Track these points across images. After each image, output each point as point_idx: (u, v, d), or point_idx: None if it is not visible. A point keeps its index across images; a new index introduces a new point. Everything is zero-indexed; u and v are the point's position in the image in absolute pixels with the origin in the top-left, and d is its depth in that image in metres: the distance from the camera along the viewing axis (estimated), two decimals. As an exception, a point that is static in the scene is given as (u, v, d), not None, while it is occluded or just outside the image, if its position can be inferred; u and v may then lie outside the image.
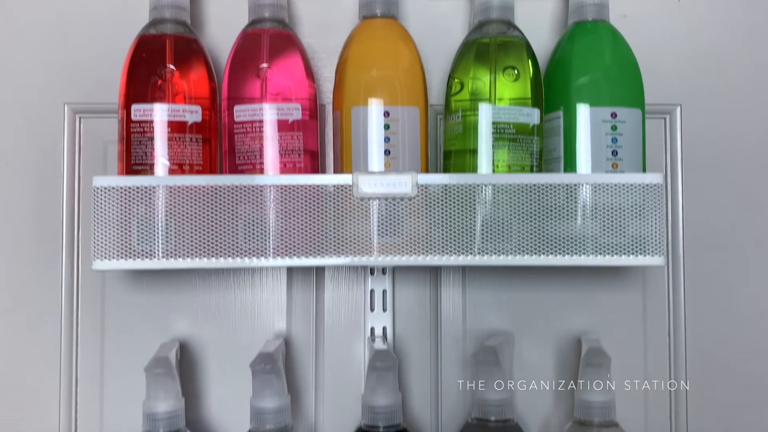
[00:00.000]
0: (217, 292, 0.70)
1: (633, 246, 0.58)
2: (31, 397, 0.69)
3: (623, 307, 0.71)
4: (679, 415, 0.71)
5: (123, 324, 0.69)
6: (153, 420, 0.60)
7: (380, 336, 0.69)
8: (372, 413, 0.60)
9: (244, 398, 0.62)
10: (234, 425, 0.67)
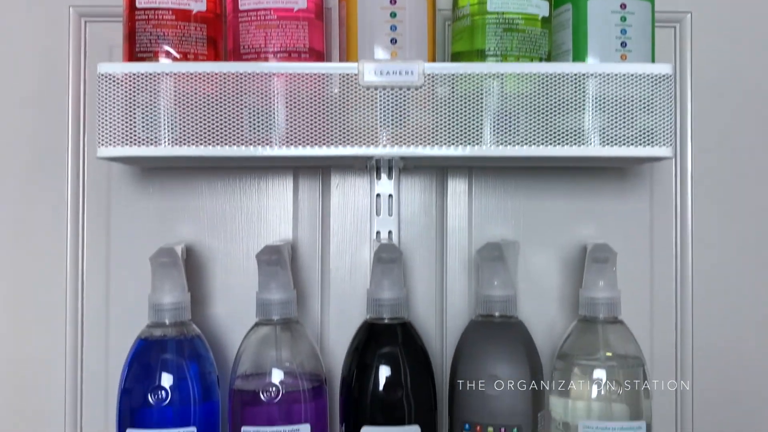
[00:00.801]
0: (222, 198, 0.70)
1: (641, 138, 0.58)
2: (38, 290, 0.69)
3: (630, 216, 0.71)
4: (685, 320, 0.71)
5: (129, 228, 0.69)
6: (158, 311, 0.60)
7: (386, 238, 0.69)
8: (377, 306, 0.61)
9: (250, 303, 0.62)
10: (240, 327, 0.67)
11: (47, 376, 0.69)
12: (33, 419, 0.69)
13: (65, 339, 0.69)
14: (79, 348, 0.69)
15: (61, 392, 0.69)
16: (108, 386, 0.69)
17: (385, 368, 0.59)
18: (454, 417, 0.61)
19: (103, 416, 0.69)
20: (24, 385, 0.69)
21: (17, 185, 0.70)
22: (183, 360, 0.59)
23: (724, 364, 0.71)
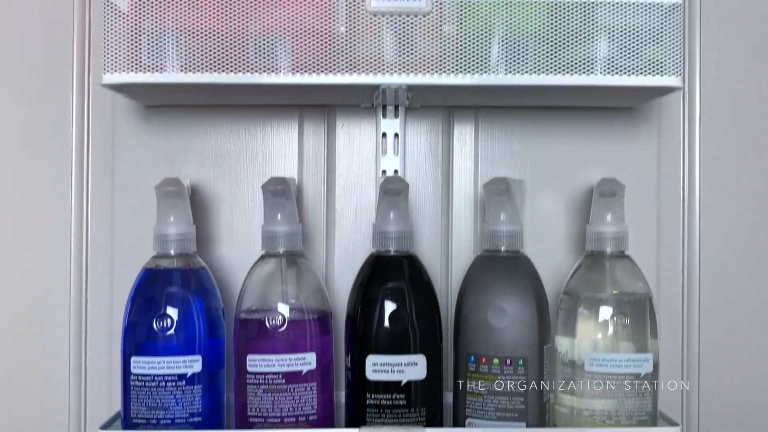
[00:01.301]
0: (227, 138, 0.70)
1: (650, 68, 0.57)
2: (42, 224, 0.69)
3: (638, 158, 0.70)
4: (692, 261, 0.70)
5: (133, 166, 0.69)
6: (164, 242, 0.60)
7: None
8: (383, 239, 0.60)
9: (255, 244, 0.62)
10: (245, 267, 0.66)
11: (51, 309, 0.69)
12: (37, 353, 0.69)
13: (70, 274, 0.69)
14: (84, 282, 0.69)
15: (66, 325, 0.69)
16: (113, 318, 0.69)
17: (391, 298, 0.59)
18: (460, 350, 0.61)
19: (107, 347, 0.69)
20: (29, 319, 0.69)
21: (22, 120, 0.69)
22: (188, 290, 0.59)
23: (731, 302, 0.70)
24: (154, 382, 0.57)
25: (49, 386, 0.69)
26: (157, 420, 0.57)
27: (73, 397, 0.69)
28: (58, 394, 0.69)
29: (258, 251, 0.61)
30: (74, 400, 0.69)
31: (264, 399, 0.58)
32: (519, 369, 0.59)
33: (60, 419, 0.69)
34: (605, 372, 0.59)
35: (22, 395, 0.69)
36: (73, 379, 0.69)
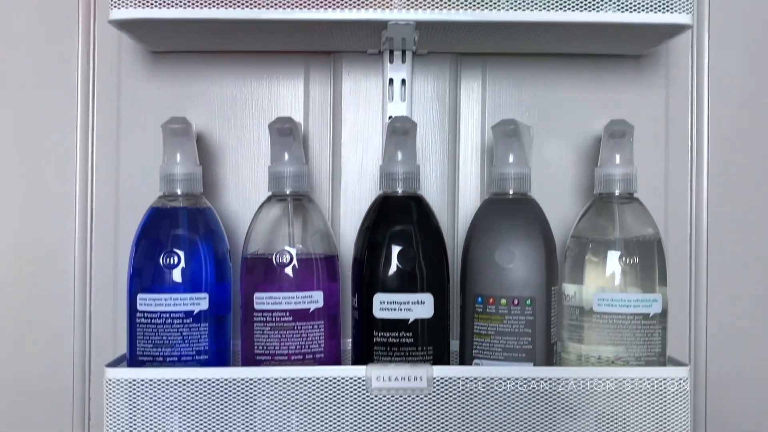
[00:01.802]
0: (233, 85, 0.70)
1: (659, 5, 0.57)
2: (48, 165, 0.69)
3: (645, 106, 0.70)
4: (699, 210, 0.70)
5: (138, 112, 0.69)
6: (171, 181, 0.59)
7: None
8: (391, 179, 0.60)
9: (261, 191, 0.62)
10: (251, 214, 0.66)
11: (56, 249, 0.69)
12: (43, 292, 0.69)
13: (75, 213, 0.69)
14: (89, 222, 0.69)
15: (71, 265, 0.69)
16: (117, 259, 0.69)
17: (398, 237, 0.58)
18: (467, 292, 0.60)
19: (112, 287, 0.69)
20: (34, 257, 0.69)
21: (28, 62, 0.69)
22: (195, 228, 0.59)
23: (738, 245, 0.70)
24: (160, 319, 0.57)
25: (54, 326, 0.69)
26: (163, 357, 0.57)
27: (77, 336, 0.69)
28: (63, 333, 0.69)
29: (264, 193, 0.61)
30: (79, 339, 0.69)
31: (271, 337, 0.57)
32: (527, 309, 0.58)
33: (65, 358, 0.69)
34: (614, 312, 0.58)
35: (28, 334, 0.69)
36: (77, 318, 0.69)
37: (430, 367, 0.57)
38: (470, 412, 0.57)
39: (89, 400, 0.69)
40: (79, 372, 0.69)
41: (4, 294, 0.69)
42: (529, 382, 0.57)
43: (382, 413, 0.56)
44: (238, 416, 0.56)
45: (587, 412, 0.57)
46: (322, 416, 0.57)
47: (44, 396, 0.69)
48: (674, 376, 0.57)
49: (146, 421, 0.56)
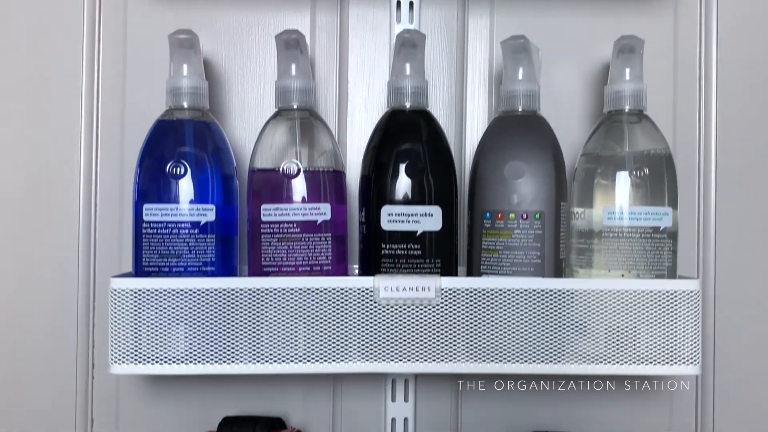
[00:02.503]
0: (239, 11, 0.69)
1: None
2: (55, 75, 0.68)
3: (654, 37, 0.69)
4: (708, 128, 0.70)
5: (144, 36, 0.68)
6: (177, 95, 0.59)
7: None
8: (399, 94, 0.59)
9: (266, 114, 0.61)
10: (255, 137, 0.66)
11: (62, 161, 0.68)
12: (48, 204, 0.68)
13: (81, 126, 0.68)
14: (95, 134, 0.68)
15: (76, 177, 0.68)
16: (123, 171, 0.68)
17: (407, 150, 0.58)
18: (475, 209, 0.60)
19: (118, 200, 0.68)
20: (41, 168, 0.68)
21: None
22: (202, 140, 0.58)
23: (747, 163, 0.69)
24: (166, 229, 0.56)
25: (59, 238, 0.68)
26: (169, 267, 0.57)
27: (83, 247, 0.68)
28: (68, 244, 0.68)
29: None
30: (84, 250, 0.68)
31: (279, 249, 0.57)
32: (535, 223, 0.58)
33: (69, 267, 0.68)
34: (623, 226, 0.58)
35: (32, 247, 0.68)
36: (83, 230, 0.68)
37: (438, 278, 0.56)
38: (478, 324, 0.56)
39: (94, 311, 0.68)
40: (84, 284, 0.68)
41: (10, 210, 0.68)
42: (537, 294, 0.56)
43: (388, 324, 0.56)
44: (245, 327, 0.56)
45: (596, 326, 0.57)
46: (329, 327, 0.56)
47: (48, 308, 0.68)
48: (685, 288, 0.57)
49: (151, 332, 0.56)
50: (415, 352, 0.56)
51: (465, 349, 0.56)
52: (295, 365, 0.56)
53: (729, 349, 0.69)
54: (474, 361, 0.56)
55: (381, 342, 0.56)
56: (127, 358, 0.56)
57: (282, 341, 0.56)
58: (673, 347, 0.56)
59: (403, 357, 0.56)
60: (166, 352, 0.56)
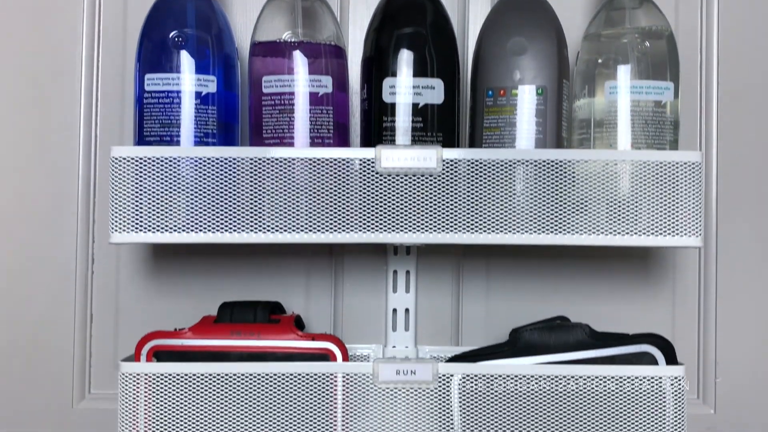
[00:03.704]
0: None
1: None
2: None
3: None
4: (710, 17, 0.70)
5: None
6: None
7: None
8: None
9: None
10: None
11: (64, 45, 0.68)
12: (49, 84, 0.68)
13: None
14: (98, 9, 0.68)
15: (78, 49, 0.68)
16: (125, 40, 0.68)
17: (409, 25, 0.58)
18: (477, 88, 0.60)
19: (120, 70, 0.68)
20: (40, 53, 0.68)
21: None
22: (203, 13, 0.58)
23: (750, 43, 0.69)
24: (168, 98, 0.56)
25: (60, 111, 0.68)
26: (170, 137, 0.57)
27: (84, 120, 0.68)
28: (70, 118, 0.68)
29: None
30: (85, 123, 0.68)
31: (280, 120, 0.57)
32: (537, 99, 0.58)
33: (71, 140, 0.68)
34: (625, 100, 0.58)
35: (33, 118, 0.68)
36: (84, 102, 0.68)
37: (440, 148, 0.56)
38: (479, 195, 0.56)
39: (95, 185, 0.68)
40: (85, 153, 0.68)
41: (10, 81, 0.68)
42: (538, 164, 0.56)
43: (389, 195, 0.56)
44: (246, 198, 0.56)
45: (597, 198, 0.56)
46: (330, 198, 0.56)
47: (49, 182, 0.68)
48: (687, 160, 0.56)
49: (152, 201, 0.56)
50: (415, 224, 0.56)
51: (466, 221, 0.56)
52: (296, 235, 0.56)
53: (731, 222, 0.68)
54: (475, 232, 0.56)
55: (382, 213, 0.56)
56: (127, 227, 0.56)
57: (283, 212, 0.56)
58: (674, 219, 0.56)
59: (403, 228, 0.56)
60: (166, 221, 0.56)
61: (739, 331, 0.68)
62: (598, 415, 0.58)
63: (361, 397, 0.58)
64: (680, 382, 0.58)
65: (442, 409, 0.58)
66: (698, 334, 0.68)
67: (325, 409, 0.58)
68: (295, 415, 0.58)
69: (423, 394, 0.58)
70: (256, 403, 0.58)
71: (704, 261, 0.68)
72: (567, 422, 0.58)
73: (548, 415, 0.58)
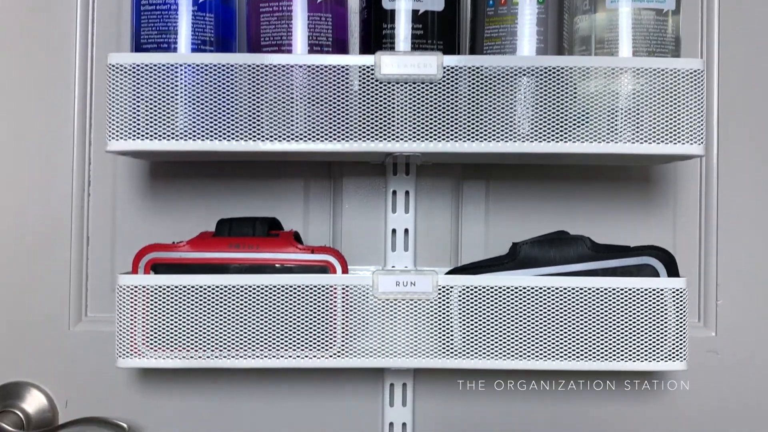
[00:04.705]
0: None
1: None
2: None
3: None
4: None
5: None
6: None
7: None
8: None
9: None
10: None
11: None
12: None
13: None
14: None
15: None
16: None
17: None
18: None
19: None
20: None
21: None
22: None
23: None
24: (165, 5, 0.56)
25: (58, 18, 0.67)
26: (167, 44, 0.56)
27: (81, 25, 0.67)
28: (67, 25, 0.67)
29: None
30: (81, 30, 0.67)
31: (278, 27, 0.56)
32: (539, 8, 0.57)
33: (69, 40, 0.67)
34: (626, 7, 0.57)
35: (29, 28, 0.67)
36: (81, 10, 0.67)
37: (441, 55, 0.55)
38: (480, 104, 0.55)
39: (92, 100, 0.68)
40: (82, 61, 0.67)
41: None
42: (539, 71, 0.56)
43: (389, 103, 0.55)
44: (244, 106, 0.55)
45: (598, 105, 0.56)
46: (329, 106, 0.55)
47: (44, 96, 0.67)
48: (688, 67, 0.56)
49: (149, 109, 0.55)
50: (415, 132, 0.55)
51: (467, 129, 0.56)
52: (294, 144, 0.56)
53: (732, 130, 0.68)
54: (475, 140, 0.56)
55: (381, 121, 0.55)
56: (125, 134, 0.55)
57: (282, 120, 0.55)
58: (676, 127, 0.56)
59: (403, 136, 0.56)
60: (164, 129, 0.55)
61: (741, 252, 0.68)
62: (598, 328, 0.58)
63: (361, 310, 0.58)
64: (681, 295, 0.58)
65: (442, 323, 0.58)
66: (699, 256, 0.68)
67: (324, 322, 0.57)
68: (294, 329, 0.57)
69: (423, 308, 0.58)
70: (256, 316, 0.57)
71: (705, 177, 0.68)
72: (567, 335, 0.58)
73: (548, 328, 0.58)
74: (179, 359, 0.58)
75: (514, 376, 0.67)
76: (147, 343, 0.58)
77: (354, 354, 0.58)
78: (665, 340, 0.58)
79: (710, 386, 0.67)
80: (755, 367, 0.68)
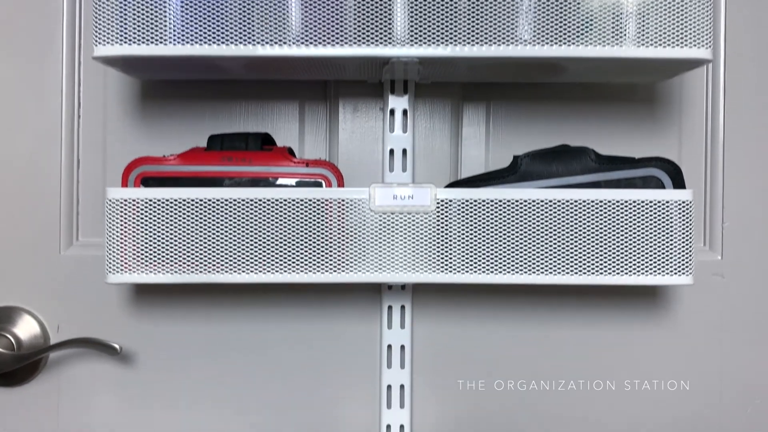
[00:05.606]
0: None
1: None
2: None
3: None
4: None
5: None
6: None
7: None
8: None
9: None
10: None
11: None
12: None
13: None
14: None
15: None
16: None
17: None
18: None
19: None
20: None
21: None
22: None
23: None
24: None
25: None
26: (156, -54, 0.54)
27: None
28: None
29: None
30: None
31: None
32: None
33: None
34: None
35: None
36: None
37: None
38: (481, 7, 0.53)
39: (81, 16, 0.66)
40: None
41: None
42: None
43: (385, 7, 0.53)
44: (236, 6, 0.53)
45: (604, 12, 0.54)
46: (324, 7, 0.53)
47: (32, 17, 0.66)
48: (697, -32, 0.54)
49: (137, 12, 0.53)
50: (414, 37, 0.54)
51: (466, 34, 0.54)
52: (287, 48, 0.54)
53: (739, 31, 0.66)
54: (476, 44, 0.54)
55: (379, 26, 0.53)
56: (112, 38, 0.53)
57: (274, 23, 0.53)
58: (683, 29, 0.54)
59: (401, 41, 0.54)
60: (154, 32, 0.53)
61: (746, 174, 0.66)
62: (602, 241, 0.56)
63: (358, 225, 0.56)
64: (688, 207, 0.56)
65: (441, 237, 0.56)
66: (705, 177, 0.66)
67: (320, 237, 0.56)
68: (289, 243, 0.56)
69: (421, 222, 0.56)
70: (249, 230, 0.56)
71: (711, 95, 0.66)
72: (570, 249, 0.56)
73: (552, 242, 0.56)
74: (170, 274, 0.56)
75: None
76: (138, 258, 0.56)
77: (351, 269, 0.56)
78: (671, 254, 0.56)
79: (715, 309, 0.66)
80: (761, 290, 0.66)
